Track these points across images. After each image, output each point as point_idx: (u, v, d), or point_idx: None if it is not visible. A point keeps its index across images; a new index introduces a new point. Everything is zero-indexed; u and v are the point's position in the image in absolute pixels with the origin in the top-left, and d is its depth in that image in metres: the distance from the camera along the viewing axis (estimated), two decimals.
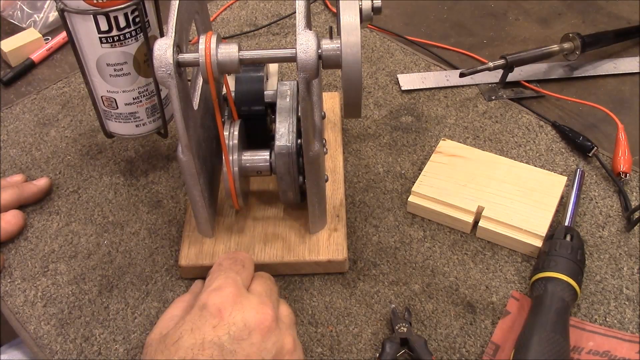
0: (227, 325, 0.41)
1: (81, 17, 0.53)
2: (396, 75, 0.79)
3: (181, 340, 0.41)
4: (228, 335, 0.41)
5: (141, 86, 0.59)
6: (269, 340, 0.42)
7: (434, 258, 0.59)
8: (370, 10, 0.51)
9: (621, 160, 0.65)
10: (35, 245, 0.62)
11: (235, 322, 0.42)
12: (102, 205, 0.65)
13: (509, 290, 0.56)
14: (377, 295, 0.56)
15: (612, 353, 0.50)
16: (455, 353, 0.52)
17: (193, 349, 0.40)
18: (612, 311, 0.54)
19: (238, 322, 0.42)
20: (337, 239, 0.58)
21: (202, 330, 0.41)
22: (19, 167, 0.69)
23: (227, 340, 0.41)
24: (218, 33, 0.47)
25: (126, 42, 0.55)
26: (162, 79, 0.46)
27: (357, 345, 0.53)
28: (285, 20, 0.89)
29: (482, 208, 0.60)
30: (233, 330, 0.41)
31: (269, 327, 0.43)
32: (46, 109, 0.77)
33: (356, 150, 0.70)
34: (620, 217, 0.62)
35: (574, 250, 0.54)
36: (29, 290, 0.58)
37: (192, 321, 0.42)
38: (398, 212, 0.63)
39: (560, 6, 0.92)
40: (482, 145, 0.69)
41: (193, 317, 0.43)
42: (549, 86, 0.77)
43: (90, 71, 0.57)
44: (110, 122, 0.62)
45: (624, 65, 0.80)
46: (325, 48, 0.45)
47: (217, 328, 0.41)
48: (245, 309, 0.43)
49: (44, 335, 0.55)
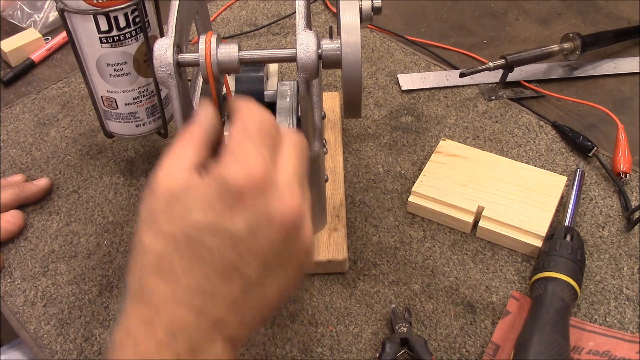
0: (247, 213, 0.34)
1: (81, 17, 0.53)
2: (396, 75, 0.79)
3: (192, 215, 0.35)
4: (245, 225, 0.34)
5: (141, 86, 0.59)
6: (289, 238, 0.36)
7: (434, 258, 0.59)
8: (370, 10, 0.51)
9: (621, 160, 0.65)
10: (35, 245, 0.62)
11: (257, 212, 0.34)
12: (102, 205, 0.65)
13: (509, 290, 0.56)
14: (377, 295, 0.56)
15: (612, 353, 0.50)
16: (455, 353, 0.52)
17: (203, 230, 0.34)
18: (612, 311, 0.54)
19: (261, 212, 0.35)
20: (337, 239, 0.58)
21: (216, 211, 0.34)
22: (19, 167, 0.69)
23: (244, 232, 0.34)
24: (218, 33, 0.47)
25: (126, 42, 0.55)
26: (162, 79, 0.46)
27: (357, 345, 0.53)
28: (285, 20, 0.89)
29: (482, 208, 0.60)
30: (252, 220, 0.34)
31: (293, 224, 0.36)
32: (46, 109, 0.77)
33: (356, 150, 0.70)
34: (620, 217, 0.62)
35: (574, 250, 0.54)
36: (29, 290, 0.58)
37: (208, 196, 0.35)
38: (398, 212, 0.63)
39: (560, 6, 0.92)
40: (482, 145, 0.69)
41: (209, 188, 0.35)
42: (549, 86, 0.77)
43: (90, 71, 0.57)
44: (110, 122, 0.62)
45: (624, 65, 0.80)
46: (325, 48, 0.45)
47: (235, 214, 0.34)
48: (271, 199, 0.35)
49: (44, 335, 0.55)
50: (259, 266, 0.35)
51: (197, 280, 0.35)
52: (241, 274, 0.35)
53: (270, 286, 0.36)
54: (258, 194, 0.35)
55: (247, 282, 0.35)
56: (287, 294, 0.38)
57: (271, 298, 0.37)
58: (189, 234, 0.35)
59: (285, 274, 0.37)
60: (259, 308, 0.37)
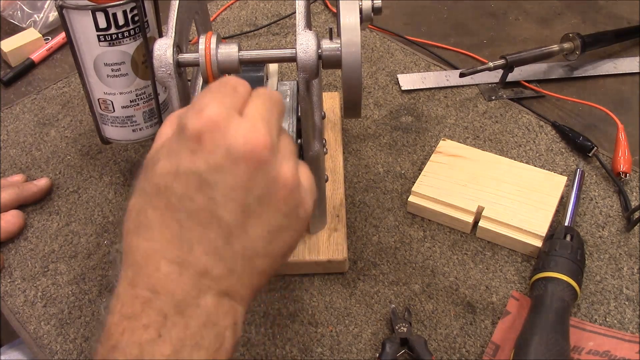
0: (206, 152, 0.34)
1: (79, 14, 0.53)
2: (396, 75, 0.79)
3: (158, 165, 0.35)
4: (207, 164, 0.34)
5: (139, 88, 0.58)
6: (259, 172, 0.35)
7: (434, 258, 0.59)
8: (370, 11, 0.51)
9: (621, 160, 0.65)
10: (35, 245, 0.62)
11: (216, 150, 0.34)
12: (102, 205, 0.65)
13: (509, 290, 0.56)
14: (377, 295, 0.56)
15: (612, 353, 0.50)
16: (455, 353, 0.52)
17: (167, 176, 0.35)
18: (612, 311, 0.54)
19: (220, 149, 0.34)
20: (337, 239, 0.58)
21: (178, 156, 0.35)
22: (19, 167, 0.69)
23: (205, 170, 0.34)
24: (218, 33, 0.47)
25: (124, 41, 0.55)
26: (162, 79, 0.46)
27: (357, 345, 0.53)
28: (285, 20, 0.89)
29: (482, 208, 0.60)
30: (213, 158, 0.34)
31: (259, 156, 0.34)
32: (46, 109, 0.77)
33: (356, 150, 0.70)
34: (620, 217, 0.62)
35: (574, 250, 0.54)
36: (29, 290, 0.58)
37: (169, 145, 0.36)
38: (398, 212, 0.63)
39: (560, 6, 0.92)
40: (482, 145, 0.69)
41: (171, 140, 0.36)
42: (549, 86, 0.77)
43: (88, 72, 0.57)
44: (107, 126, 0.61)
45: (624, 65, 0.80)
46: (325, 48, 0.45)
47: (195, 155, 0.34)
48: (229, 134, 0.34)
49: (44, 335, 0.55)
50: (234, 206, 0.34)
51: (171, 230, 0.34)
52: (216, 217, 0.34)
53: (254, 228, 0.35)
54: (217, 134, 0.34)
55: (225, 226, 0.34)
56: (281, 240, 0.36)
57: (258, 243, 0.35)
58: (157, 183, 0.35)
59: (270, 215, 0.35)
60: (247, 256, 0.35)
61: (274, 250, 0.36)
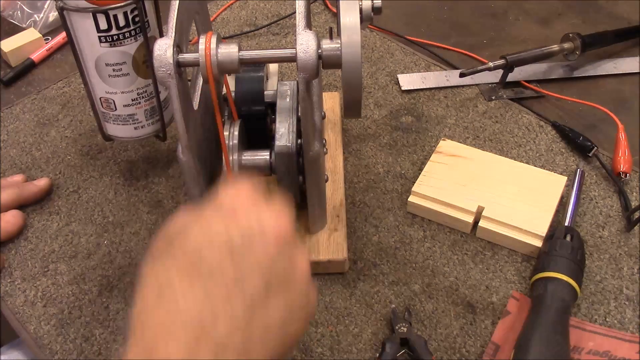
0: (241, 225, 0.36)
1: (80, 16, 0.53)
2: (396, 75, 0.79)
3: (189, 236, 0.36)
4: (241, 236, 0.36)
5: (140, 87, 0.59)
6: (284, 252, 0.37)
7: (434, 258, 0.59)
8: (370, 10, 0.51)
9: (621, 160, 0.65)
10: (35, 245, 0.62)
11: (251, 225, 0.36)
12: (102, 205, 0.65)
13: (509, 290, 0.56)
14: (377, 295, 0.56)
15: (612, 353, 0.50)
16: (455, 353, 0.52)
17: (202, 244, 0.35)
18: (612, 311, 0.54)
19: (254, 224, 0.36)
20: (337, 239, 0.58)
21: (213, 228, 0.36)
22: (19, 167, 0.69)
23: (238, 241, 0.35)
24: (218, 33, 0.47)
25: (125, 42, 0.55)
26: (162, 79, 0.46)
27: (357, 345, 0.53)
28: (285, 20, 0.89)
29: (482, 208, 0.60)
30: (247, 232, 0.36)
31: (284, 237, 0.37)
32: (46, 109, 0.77)
33: (356, 150, 0.70)
34: (620, 217, 0.62)
35: (574, 250, 0.54)
36: (29, 290, 0.58)
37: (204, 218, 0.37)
38: (398, 212, 0.63)
39: (560, 6, 0.92)
40: (482, 145, 0.69)
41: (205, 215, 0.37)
42: (549, 86, 0.77)
43: (89, 72, 0.57)
44: (109, 124, 0.61)
45: (624, 65, 0.80)
46: (325, 48, 0.45)
47: (230, 227, 0.36)
48: (263, 213, 0.37)
49: (44, 335, 0.55)
50: (259, 281, 0.35)
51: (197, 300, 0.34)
52: (242, 289, 0.35)
53: (273, 308, 0.36)
54: (251, 208, 0.37)
55: (249, 300, 0.35)
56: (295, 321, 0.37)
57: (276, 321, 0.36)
58: (188, 252, 0.35)
59: (287, 297, 0.36)
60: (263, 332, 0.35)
61: (288, 331, 0.37)
